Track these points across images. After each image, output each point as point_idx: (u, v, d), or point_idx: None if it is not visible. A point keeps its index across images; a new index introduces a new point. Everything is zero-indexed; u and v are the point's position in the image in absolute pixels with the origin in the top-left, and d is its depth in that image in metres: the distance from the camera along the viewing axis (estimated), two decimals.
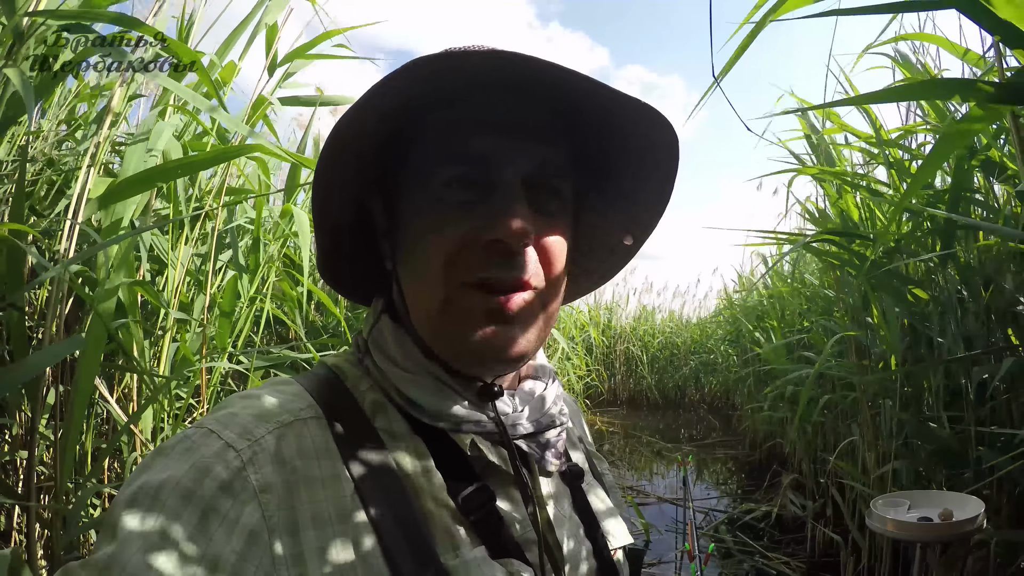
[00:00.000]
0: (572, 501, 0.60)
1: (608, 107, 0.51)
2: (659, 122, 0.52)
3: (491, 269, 0.49)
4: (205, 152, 1.98)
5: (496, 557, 0.48)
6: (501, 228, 0.48)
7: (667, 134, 0.54)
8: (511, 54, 0.45)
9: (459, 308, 0.50)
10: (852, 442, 2.93)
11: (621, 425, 8.14)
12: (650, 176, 0.59)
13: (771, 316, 4.78)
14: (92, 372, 1.33)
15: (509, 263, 0.50)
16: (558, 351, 7.00)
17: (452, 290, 0.50)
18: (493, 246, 0.49)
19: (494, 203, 0.49)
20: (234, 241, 2.49)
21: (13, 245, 1.34)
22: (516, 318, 0.51)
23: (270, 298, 2.56)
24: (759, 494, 4.42)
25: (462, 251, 0.49)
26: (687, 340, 10.89)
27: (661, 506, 4.35)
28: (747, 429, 6.15)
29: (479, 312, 0.50)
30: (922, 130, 2.37)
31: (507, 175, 0.50)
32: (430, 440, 0.51)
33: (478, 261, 0.49)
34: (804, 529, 3.49)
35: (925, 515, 1.49)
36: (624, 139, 0.56)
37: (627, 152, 0.57)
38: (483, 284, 0.50)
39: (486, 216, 0.49)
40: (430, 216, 0.51)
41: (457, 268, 0.49)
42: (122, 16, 1.39)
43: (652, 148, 0.56)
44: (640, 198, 0.62)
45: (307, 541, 0.43)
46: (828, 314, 3.50)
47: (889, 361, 2.38)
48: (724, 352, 8.35)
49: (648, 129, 0.53)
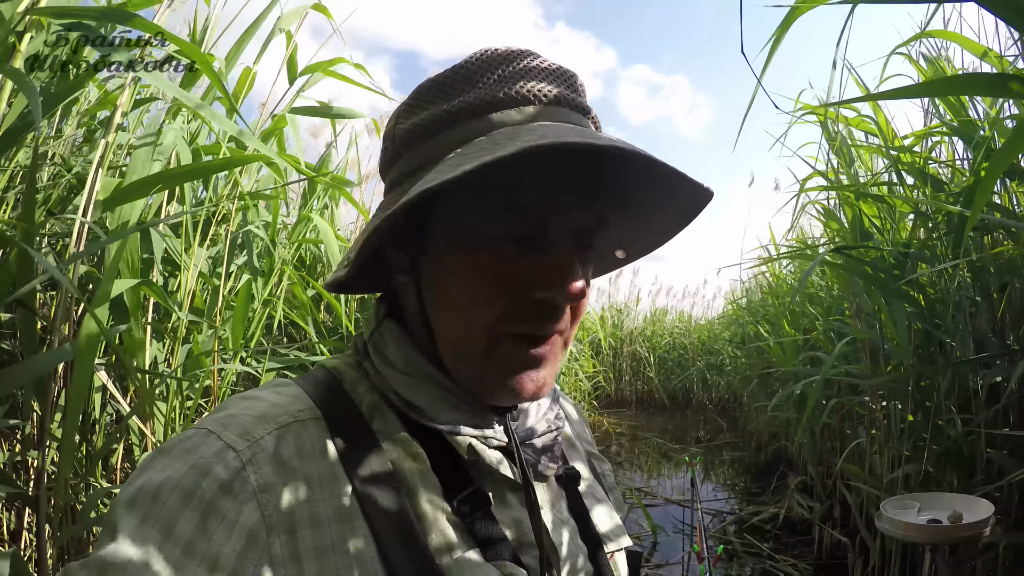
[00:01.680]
0: (568, 504, 0.60)
1: (660, 173, 0.50)
2: (704, 193, 0.53)
3: (539, 324, 0.50)
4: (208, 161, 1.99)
5: (491, 560, 0.48)
6: (557, 290, 0.48)
7: (704, 199, 0.54)
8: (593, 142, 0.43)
9: (502, 356, 0.50)
10: (860, 444, 2.92)
11: (628, 426, 8.13)
12: (670, 211, 0.59)
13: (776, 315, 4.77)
14: (86, 375, 1.33)
15: (553, 317, 0.50)
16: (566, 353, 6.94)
17: (494, 338, 0.50)
18: (543, 303, 0.49)
19: (548, 259, 0.49)
20: (248, 244, 2.51)
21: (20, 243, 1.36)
22: (547, 362, 0.52)
23: (283, 300, 2.59)
24: (766, 496, 4.40)
25: (512, 304, 0.49)
26: (695, 341, 10.86)
27: (668, 507, 4.33)
28: (754, 430, 6.13)
29: (519, 360, 0.51)
30: (940, 132, 2.36)
31: (562, 231, 0.50)
32: (427, 442, 0.51)
33: (525, 315, 0.50)
34: (811, 531, 3.48)
35: (934, 517, 1.49)
36: (661, 193, 0.56)
37: (659, 199, 0.57)
38: (526, 336, 0.50)
39: (540, 273, 0.49)
40: (472, 260, 0.50)
41: (506, 319, 0.49)
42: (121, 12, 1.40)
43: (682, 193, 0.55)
44: (652, 226, 0.62)
45: (304, 541, 0.43)
46: (836, 314, 3.49)
47: (899, 363, 2.37)
48: (731, 353, 8.32)
49: (689, 189, 0.53)
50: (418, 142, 0.52)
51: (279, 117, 2.35)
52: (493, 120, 0.49)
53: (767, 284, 5.50)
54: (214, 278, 2.40)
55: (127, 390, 2.11)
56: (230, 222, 2.28)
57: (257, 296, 2.43)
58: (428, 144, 0.51)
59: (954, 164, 2.34)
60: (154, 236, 2.00)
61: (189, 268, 2.13)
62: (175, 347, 2.15)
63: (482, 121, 0.49)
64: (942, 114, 2.28)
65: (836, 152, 2.78)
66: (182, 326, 2.11)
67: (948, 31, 2.10)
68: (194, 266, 2.15)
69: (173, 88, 1.50)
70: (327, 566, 0.43)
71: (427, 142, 0.51)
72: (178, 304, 2.07)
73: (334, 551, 0.44)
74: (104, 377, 1.81)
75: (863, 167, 2.89)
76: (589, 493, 0.63)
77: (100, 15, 1.37)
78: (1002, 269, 2.00)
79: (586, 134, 0.45)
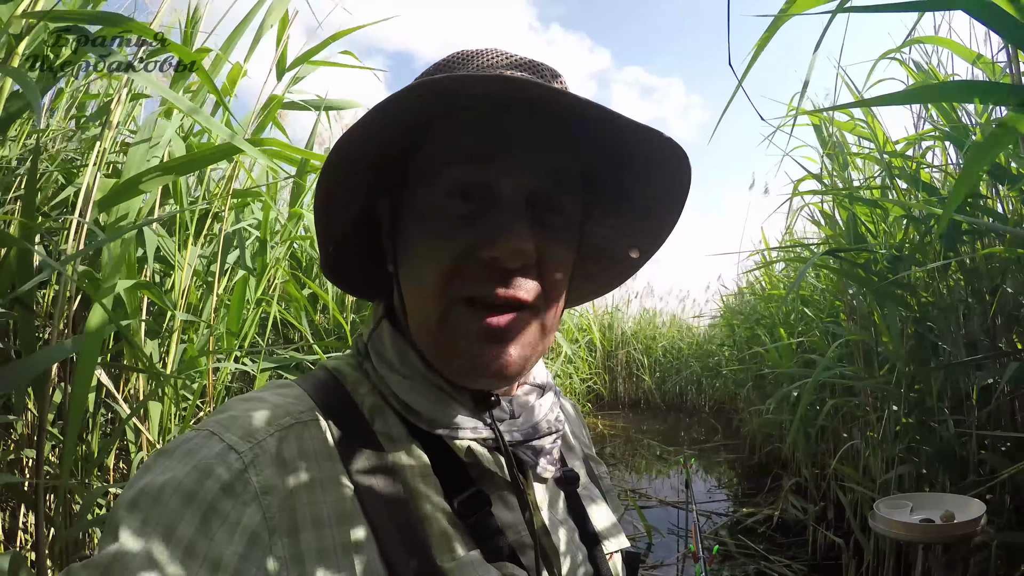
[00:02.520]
0: (567, 506, 0.60)
1: (622, 132, 0.51)
2: (672, 148, 0.52)
3: (487, 286, 0.49)
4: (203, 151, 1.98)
5: (492, 561, 0.48)
6: (500, 246, 0.48)
7: (679, 160, 0.54)
8: (531, 84, 0.45)
9: (454, 324, 0.50)
10: (854, 445, 2.93)
11: (623, 428, 8.14)
12: (661, 195, 0.59)
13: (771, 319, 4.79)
14: (90, 370, 1.34)
15: (505, 281, 0.49)
16: (561, 355, 7.01)
17: (449, 304, 0.50)
18: (491, 263, 0.49)
19: (494, 218, 0.49)
20: (241, 242, 2.51)
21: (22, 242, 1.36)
22: (510, 336, 0.50)
23: (276, 300, 2.58)
24: (760, 497, 4.41)
25: (460, 266, 0.49)
26: (689, 344, 10.88)
27: (662, 509, 4.34)
28: (748, 433, 6.15)
29: (473, 329, 0.50)
30: (932, 137, 2.38)
31: (510, 190, 0.50)
32: (427, 444, 0.52)
33: (475, 277, 0.49)
34: (805, 532, 3.49)
35: (927, 517, 1.50)
36: (636, 160, 0.56)
37: (638, 172, 0.57)
38: (478, 301, 0.50)
39: (486, 231, 0.49)
40: (430, 225, 0.51)
41: (454, 282, 0.49)
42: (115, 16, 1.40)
43: (664, 170, 0.56)
44: (651, 214, 0.62)
45: (306, 542, 0.43)
46: (830, 316, 3.51)
47: (894, 365, 2.39)
48: (725, 356, 8.35)
49: (660, 153, 0.53)
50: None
51: (269, 110, 2.34)
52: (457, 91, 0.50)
53: (760, 288, 5.52)
54: (208, 276, 2.39)
55: (120, 391, 2.11)
56: (223, 221, 2.28)
57: (251, 295, 2.42)
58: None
59: (947, 168, 2.36)
60: (147, 234, 2.00)
61: (183, 267, 2.13)
62: (170, 347, 2.15)
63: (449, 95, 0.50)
64: (934, 118, 2.29)
65: (829, 155, 2.81)
66: (177, 325, 2.10)
67: (939, 37, 2.11)
68: (188, 265, 2.14)
69: (166, 91, 1.50)
70: (329, 567, 0.43)
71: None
72: (172, 303, 2.07)
73: (336, 552, 0.44)
74: (104, 378, 1.81)
75: (857, 170, 2.91)
76: (587, 495, 0.63)
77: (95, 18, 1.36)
78: (994, 272, 2.02)
79: (533, 84, 0.45)
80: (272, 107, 2.43)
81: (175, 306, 2.06)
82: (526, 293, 0.50)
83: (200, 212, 2.25)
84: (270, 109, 2.42)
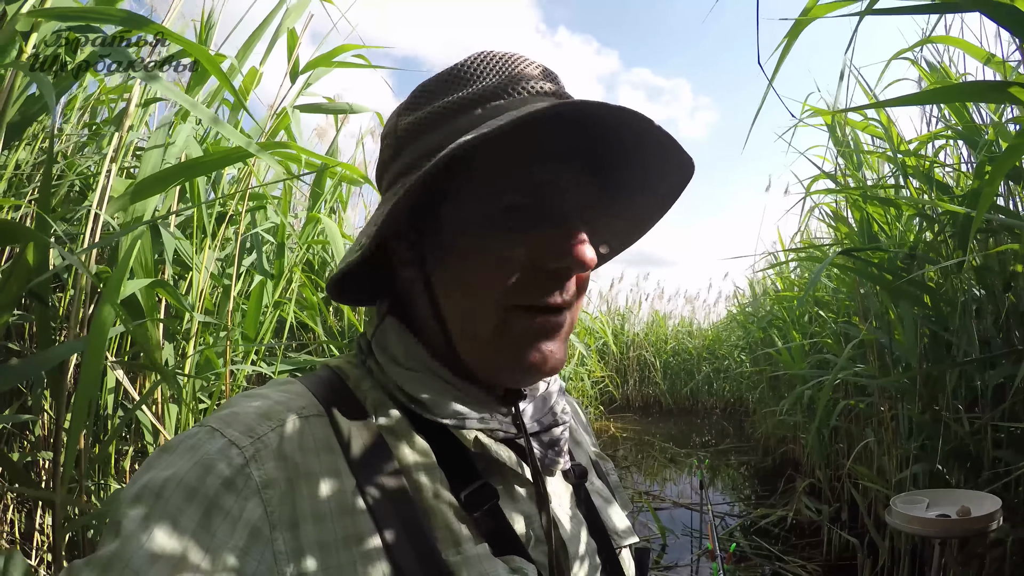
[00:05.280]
0: (576, 499, 0.60)
1: (636, 134, 0.52)
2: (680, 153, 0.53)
3: (547, 295, 0.51)
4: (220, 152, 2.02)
5: (499, 555, 0.47)
6: (570, 258, 0.49)
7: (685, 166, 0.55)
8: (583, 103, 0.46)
9: (514, 331, 0.51)
10: (868, 445, 2.92)
11: (634, 431, 8.11)
12: (651, 193, 0.60)
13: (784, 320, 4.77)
14: (97, 365, 1.34)
15: (561, 287, 0.51)
16: (575, 356, 7.00)
17: (505, 312, 0.50)
18: (554, 273, 0.50)
19: (557, 228, 0.50)
20: (257, 245, 2.54)
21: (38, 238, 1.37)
22: (559, 336, 0.53)
23: (293, 303, 2.61)
24: (774, 499, 4.38)
25: (521, 276, 0.50)
26: (699, 346, 10.84)
27: (675, 511, 4.32)
28: (761, 435, 6.12)
29: (531, 334, 0.51)
30: (945, 136, 2.38)
31: (570, 204, 0.51)
32: (432, 437, 0.51)
33: (536, 286, 0.50)
34: (820, 533, 3.47)
35: (943, 512, 1.50)
36: (639, 158, 0.57)
37: (639, 170, 0.58)
38: (535, 307, 0.51)
39: (552, 243, 0.50)
40: (487, 239, 0.51)
41: (513, 292, 0.50)
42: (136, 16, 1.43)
43: (666, 171, 0.57)
44: (633, 215, 0.63)
45: (306, 536, 0.43)
46: (842, 316, 3.50)
47: (908, 364, 2.38)
48: (737, 358, 8.30)
49: (667, 154, 0.54)
50: (423, 134, 0.53)
51: (283, 113, 2.37)
52: (497, 106, 0.51)
53: (773, 289, 5.50)
54: (224, 279, 2.42)
55: (140, 391, 2.14)
56: (239, 224, 2.30)
57: (267, 298, 2.45)
58: (432, 135, 0.52)
59: (959, 168, 2.36)
60: (165, 236, 2.03)
61: (200, 269, 2.16)
62: (187, 349, 2.17)
63: (485, 109, 0.51)
64: (947, 117, 2.29)
65: (843, 155, 2.81)
66: (195, 326, 2.13)
67: (951, 36, 2.11)
68: (205, 268, 2.17)
69: (180, 96, 1.52)
70: (330, 561, 0.43)
71: (432, 133, 0.53)
72: (190, 305, 2.10)
73: (337, 546, 0.44)
74: (121, 375, 1.83)
75: (870, 170, 2.91)
76: (596, 491, 0.63)
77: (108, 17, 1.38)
78: (1006, 270, 2.01)
79: (586, 102, 0.47)
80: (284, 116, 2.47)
81: (193, 308, 2.09)
82: (570, 295, 0.52)
83: (215, 214, 2.27)
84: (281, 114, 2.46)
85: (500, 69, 0.54)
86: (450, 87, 0.54)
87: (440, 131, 0.52)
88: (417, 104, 0.55)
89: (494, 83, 0.53)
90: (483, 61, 0.55)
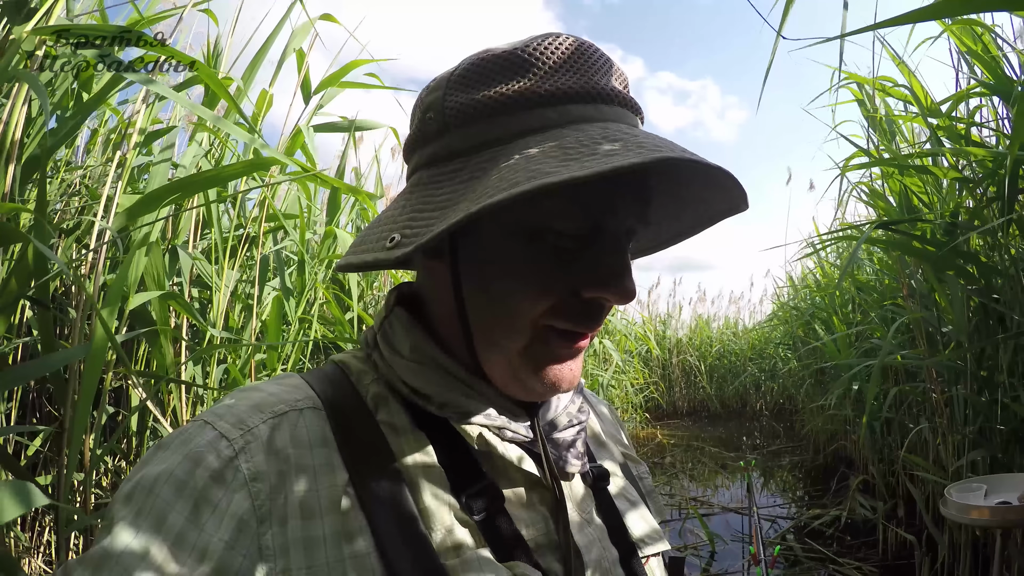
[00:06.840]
0: (597, 505, 0.56)
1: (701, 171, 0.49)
2: (735, 188, 0.50)
3: (585, 323, 0.49)
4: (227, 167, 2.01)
5: (503, 560, 0.45)
6: (614, 290, 0.47)
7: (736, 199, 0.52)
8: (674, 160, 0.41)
9: (542, 350, 0.49)
10: (921, 433, 2.79)
11: (682, 436, 7.98)
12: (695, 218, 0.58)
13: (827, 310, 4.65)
14: (96, 372, 1.34)
15: (600, 315, 0.49)
16: (612, 364, 6.94)
17: (538, 332, 0.48)
18: (595, 301, 0.48)
19: (602, 258, 0.48)
20: (280, 264, 2.54)
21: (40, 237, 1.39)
22: (581, 355, 0.52)
23: (316, 319, 2.61)
24: (827, 499, 4.26)
25: (562, 302, 0.48)
26: (744, 347, 10.65)
27: (727, 517, 4.22)
28: (811, 433, 5.96)
29: (558, 356, 0.50)
30: (976, 94, 2.28)
31: (615, 228, 0.49)
32: (435, 434, 0.49)
33: (576, 314, 0.48)
34: (875, 532, 3.34)
35: (1003, 499, 1.39)
36: (695, 190, 0.55)
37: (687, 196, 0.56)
38: (568, 333, 0.49)
39: (596, 274, 0.47)
40: (533, 254, 0.47)
41: (551, 315, 0.48)
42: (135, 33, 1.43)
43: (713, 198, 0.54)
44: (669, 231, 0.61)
45: (292, 531, 0.42)
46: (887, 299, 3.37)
47: (959, 342, 2.25)
48: (783, 356, 8.12)
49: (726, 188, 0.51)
50: (476, 120, 0.48)
51: (297, 132, 2.38)
52: (571, 112, 0.47)
53: (814, 281, 5.39)
54: (248, 299, 2.44)
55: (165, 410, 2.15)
56: (258, 245, 2.32)
57: (291, 315, 2.45)
58: (490, 126, 0.48)
59: (998, 127, 2.23)
60: (181, 256, 2.05)
61: (220, 289, 2.18)
62: (211, 368, 2.19)
63: (557, 111, 0.47)
64: (977, 75, 2.19)
65: (875, 127, 2.71)
66: (217, 343, 2.14)
67: None
68: (225, 287, 2.19)
69: (180, 97, 1.52)
70: (317, 559, 0.41)
71: (488, 123, 0.48)
72: (212, 323, 2.11)
73: (326, 544, 0.42)
74: (142, 392, 1.85)
75: (904, 141, 2.81)
76: (621, 495, 0.59)
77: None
78: None
79: (669, 147, 0.42)
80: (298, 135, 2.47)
81: (213, 324, 2.11)
82: (602, 321, 0.51)
83: (234, 239, 2.29)
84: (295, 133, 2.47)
85: (571, 62, 0.49)
86: (513, 72, 0.48)
87: (500, 125, 0.47)
88: (471, 83, 0.49)
89: (567, 82, 0.47)
90: (551, 48, 0.49)
